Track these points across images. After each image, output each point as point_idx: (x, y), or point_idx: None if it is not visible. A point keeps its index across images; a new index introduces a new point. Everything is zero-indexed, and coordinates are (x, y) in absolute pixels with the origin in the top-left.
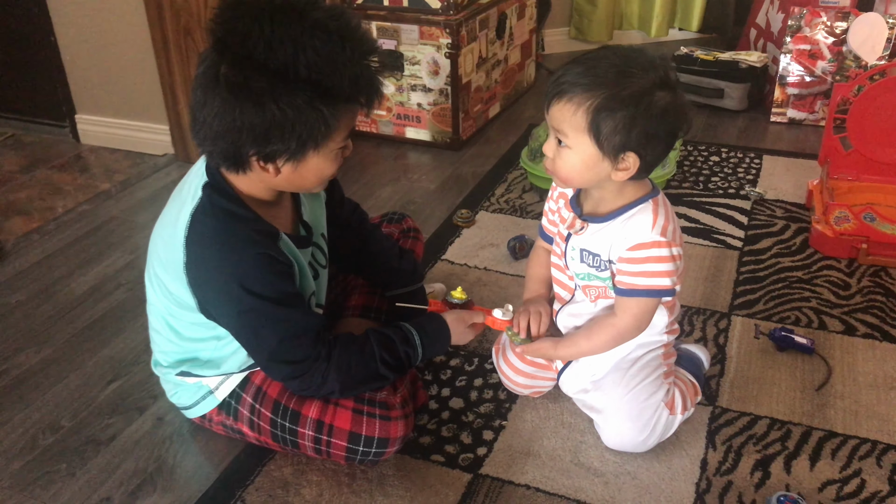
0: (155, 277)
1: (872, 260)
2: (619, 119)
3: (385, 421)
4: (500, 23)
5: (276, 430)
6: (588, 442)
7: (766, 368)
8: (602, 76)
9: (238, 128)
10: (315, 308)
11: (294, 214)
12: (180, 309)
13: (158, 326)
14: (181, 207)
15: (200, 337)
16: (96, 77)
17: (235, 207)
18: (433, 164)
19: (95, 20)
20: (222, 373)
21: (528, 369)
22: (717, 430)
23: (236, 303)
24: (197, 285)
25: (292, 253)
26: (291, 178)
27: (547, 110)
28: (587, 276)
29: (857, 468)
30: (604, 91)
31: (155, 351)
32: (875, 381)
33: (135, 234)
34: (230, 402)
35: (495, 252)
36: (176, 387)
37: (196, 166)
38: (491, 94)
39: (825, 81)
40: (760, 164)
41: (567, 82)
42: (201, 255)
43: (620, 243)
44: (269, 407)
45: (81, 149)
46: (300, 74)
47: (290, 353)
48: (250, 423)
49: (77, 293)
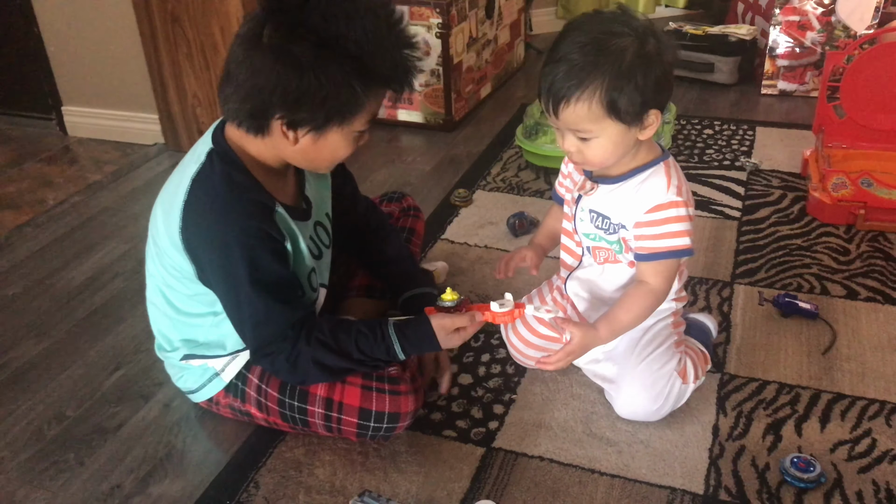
0: (154, 247)
1: (870, 225)
2: (632, 89)
3: (395, 396)
4: (490, 2)
5: (285, 409)
6: (599, 412)
7: (772, 334)
8: (589, 63)
9: (272, 89)
10: (318, 286)
11: (296, 188)
12: (178, 280)
13: (157, 301)
14: (184, 172)
15: (198, 312)
16: (82, 68)
17: (237, 174)
18: (427, 146)
19: (80, 9)
20: (229, 352)
21: (538, 341)
22: (727, 396)
23: (224, 270)
24: (192, 251)
25: (287, 227)
26: (308, 151)
27: (556, 116)
28: (596, 237)
29: (868, 428)
30: (603, 74)
31: (156, 334)
32: (879, 342)
33: (130, 223)
34: (237, 383)
35: (495, 230)
36: (181, 370)
37: (205, 135)
38: (482, 74)
39: (815, 52)
40: (754, 135)
41: (562, 87)
42: (197, 221)
43: (637, 207)
44: (276, 387)
45: (69, 141)
46: (347, 49)
47: (260, 335)
48: (258, 404)
49: (74, 284)
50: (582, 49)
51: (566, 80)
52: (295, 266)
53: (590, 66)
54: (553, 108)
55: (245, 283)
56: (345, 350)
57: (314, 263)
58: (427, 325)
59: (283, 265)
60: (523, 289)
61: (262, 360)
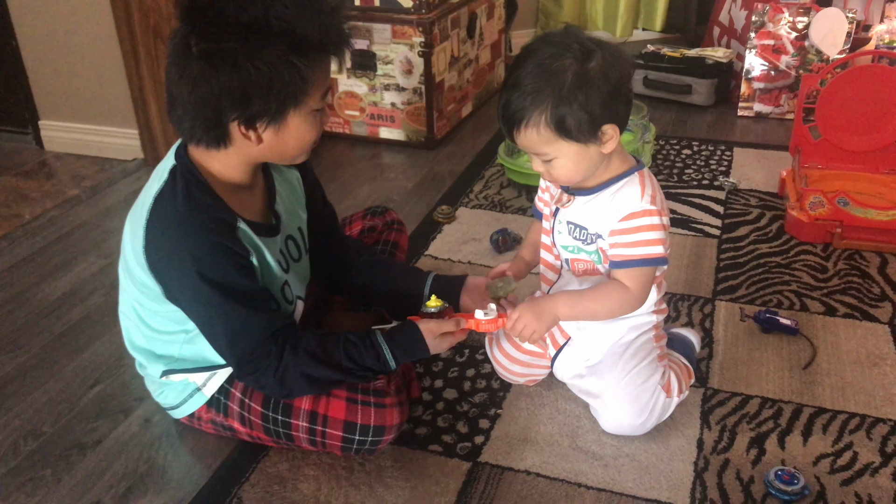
0: (124, 264)
1: (847, 244)
2: (576, 110)
3: (380, 409)
4: (471, 22)
5: (269, 423)
6: (584, 426)
7: (754, 350)
8: (534, 86)
9: (217, 94)
10: (294, 299)
11: (265, 203)
12: (148, 298)
13: (131, 317)
14: (148, 191)
15: (169, 330)
16: (61, 82)
17: (197, 192)
18: (409, 163)
19: (59, 23)
20: (211, 365)
21: (523, 357)
22: (711, 410)
23: (190, 288)
24: (156, 270)
25: (251, 242)
26: (274, 144)
27: (514, 141)
28: (574, 249)
29: (849, 441)
30: (546, 98)
31: (131, 350)
32: (858, 358)
33: (108, 238)
34: (219, 398)
35: (478, 246)
36: (161, 387)
37: (169, 153)
38: (463, 93)
39: (789, 75)
40: (731, 155)
41: (513, 111)
42: (159, 240)
43: (611, 215)
44: (260, 400)
45: (46, 155)
46: (272, 27)
47: (238, 348)
48: (241, 419)
49: (51, 299)
50: (528, 75)
51: (515, 106)
52: (265, 280)
53: (534, 92)
54: (508, 134)
55: (214, 296)
56: (334, 360)
57: (286, 276)
58: (415, 330)
59: (251, 278)
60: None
61: (246, 377)
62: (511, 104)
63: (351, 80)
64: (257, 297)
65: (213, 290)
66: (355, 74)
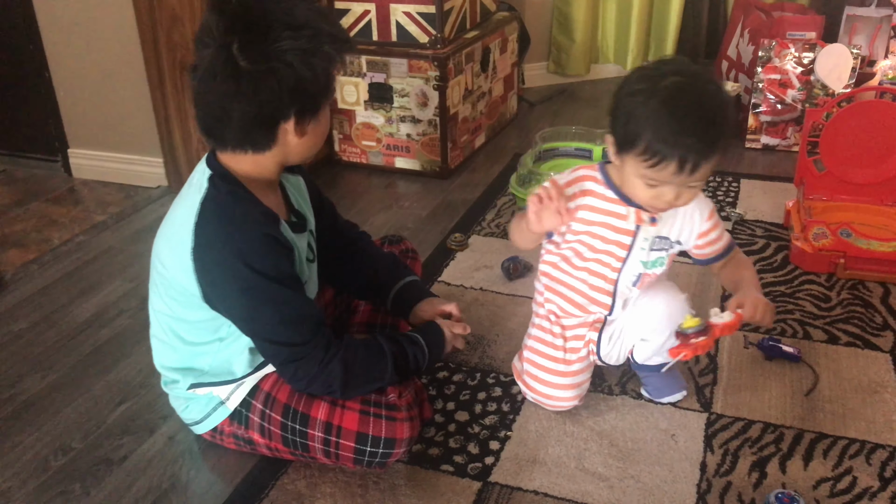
0: (159, 279)
1: (850, 274)
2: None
3: (391, 422)
4: (485, 56)
5: (287, 433)
6: (591, 449)
7: (757, 376)
8: (725, 122)
9: (277, 98)
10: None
11: (285, 203)
12: (184, 307)
13: (163, 336)
14: (188, 201)
15: (203, 341)
16: (90, 112)
17: (241, 191)
18: (423, 192)
19: (90, 57)
20: (234, 378)
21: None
22: (714, 434)
23: (240, 280)
24: (203, 269)
25: (290, 237)
26: (312, 138)
27: (694, 173)
28: (657, 262)
29: (849, 466)
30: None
31: (160, 369)
32: (859, 385)
33: (134, 263)
34: (241, 410)
35: (490, 273)
36: (187, 402)
37: (198, 168)
38: (477, 124)
39: (795, 109)
40: (738, 187)
41: (708, 147)
42: (209, 237)
43: (696, 219)
44: (280, 411)
45: (74, 182)
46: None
47: (288, 335)
48: (261, 430)
49: (79, 320)
50: (723, 111)
51: (717, 140)
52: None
53: (725, 126)
54: (695, 166)
55: (266, 287)
56: (379, 352)
57: (308, 275)
58: (436, 326)
59: (294, 268)
60: (518, 330)
61: (289, 365)
62: (719, 141)
63: (368, 111)
64: (302, 285)
65: (265, 280)
66: (372, 107)
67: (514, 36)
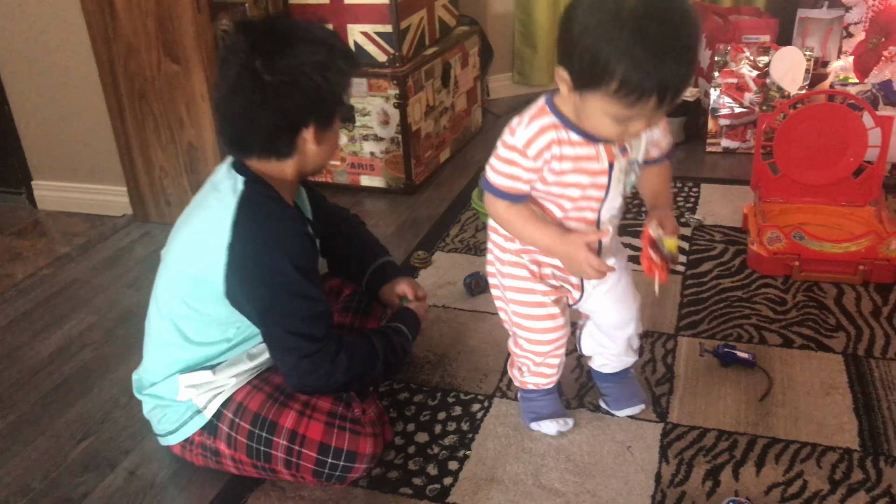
0: (176, 276)
1: (805, 276)
2: None
3: (354, 435)
4: (445, 72)
5: (252, 441)
6: (548, 465)
7: (713, 384)
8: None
9: (299, 108)
10: None
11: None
12: (202, 301)
13: (167, 335)
14: (218, 203)
15: (210, 340)
16: (52, 143)
17: (274, 193)
18: (389, 209)
19: (50, 89)
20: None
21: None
22: (669, 444)
23: (276, 274)
24: (236, 263)
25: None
26: (327, 147)
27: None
28: (629, 184)
29: (800, 470)
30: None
31: (150, 367)
32: (812, 388)
33: (98, 294)
34: (212, 420)
35: (452, 290)
36: (164, 409)
37: (219, 175)
38: (441, 139)
39: (753, 112)
40: (699, 192)
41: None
42: (250, 232)
43: (654, 131)
44: (249, 419)
45: (38, 214)
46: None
47: (310, 328)
48: (228, 439)
49: (42, 356)
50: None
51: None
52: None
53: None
54: (676, 94)
55: (300, 283)
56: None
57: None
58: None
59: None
60: (479, 346)
61: (304, 360)
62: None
63: None
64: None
65: (299, 275)
66: None
67: (475, 50)
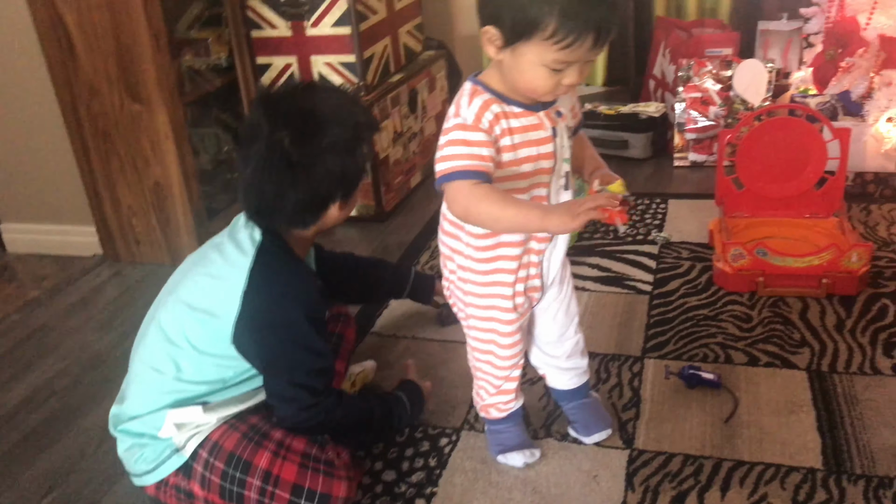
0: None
1: (770, 291)
2: None
3: (328, 477)
4: (412, 98)
5: (226, 482)
6: (515, 498)
7: (678, 407)
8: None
9: (329, 184)
10: None
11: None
12: (206, 341)
13: (161, 367)
14: (238, 248)
15: (205, 380)
16: (20, 185)
17: (290, 250)
18: (360, 237)
19: (13, 129)
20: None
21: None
22: (635, 472)
23: (288, 325)
24: (250, 313)
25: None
26: (349, 208)
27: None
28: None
29: (764, 493)
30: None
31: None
32: (777, 407)
33: (66, 339)
34: (188, 461)
35: (422, 319)
36: (142, 448)
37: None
38: (410, 164)
39: (719, 125)
40: (666, 208)
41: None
42: (267, 282)
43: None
44: (224, 459)
45: (8, 258)
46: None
47: (313, 382)
48: (202, 480)
49: (8, 407)
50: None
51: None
52: None
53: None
54: (608, 33)
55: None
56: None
57: None
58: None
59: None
60: (448, 377)
61: (305, 411)
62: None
63: None
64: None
65: (310, 328)
66: None
67: (441, 74)
